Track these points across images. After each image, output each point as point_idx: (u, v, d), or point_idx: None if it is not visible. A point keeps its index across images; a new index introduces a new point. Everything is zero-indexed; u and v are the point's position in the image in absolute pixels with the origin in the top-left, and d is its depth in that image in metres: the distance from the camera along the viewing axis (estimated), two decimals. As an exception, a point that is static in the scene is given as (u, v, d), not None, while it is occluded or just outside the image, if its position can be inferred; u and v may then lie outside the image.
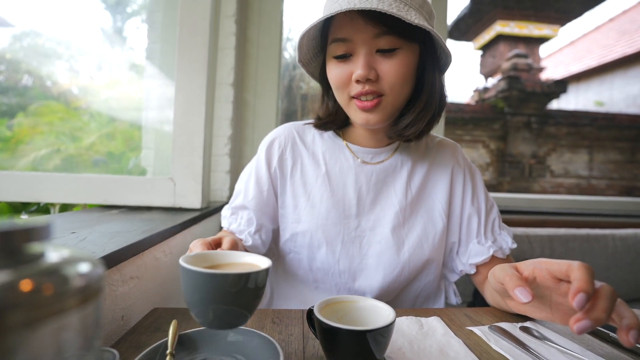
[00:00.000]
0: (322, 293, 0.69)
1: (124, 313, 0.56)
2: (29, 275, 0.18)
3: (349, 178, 0.67)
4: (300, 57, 0.62)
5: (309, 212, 0.67)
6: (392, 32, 0.54)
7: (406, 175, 0.68)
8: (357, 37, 0.56)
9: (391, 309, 0.42)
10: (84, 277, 0.20)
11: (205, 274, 0.35)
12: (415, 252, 0.66)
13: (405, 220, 0.67)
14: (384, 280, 0.66)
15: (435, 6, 1.57)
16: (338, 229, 0.66)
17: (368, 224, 0.67)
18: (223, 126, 1.17)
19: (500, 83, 4.91)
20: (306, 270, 0.69)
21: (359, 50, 0.56)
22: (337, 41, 0.57)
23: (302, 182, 0.69)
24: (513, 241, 0.69)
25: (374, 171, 0.68)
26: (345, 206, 0.67)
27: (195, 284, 0.36)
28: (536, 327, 0.53)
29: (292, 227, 0.68)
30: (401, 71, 0.56)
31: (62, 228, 0.67)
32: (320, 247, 0.66)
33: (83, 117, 2.50)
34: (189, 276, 0.36)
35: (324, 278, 0.68)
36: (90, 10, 2.43)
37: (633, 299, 1.58)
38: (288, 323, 0.54)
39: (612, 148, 5.13)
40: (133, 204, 0.98)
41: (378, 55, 0.57)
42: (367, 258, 0.66)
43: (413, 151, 0.70)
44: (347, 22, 0.56)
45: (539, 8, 6.00)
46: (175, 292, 0.79)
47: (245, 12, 1.34)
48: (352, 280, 0.67)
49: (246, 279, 0.36)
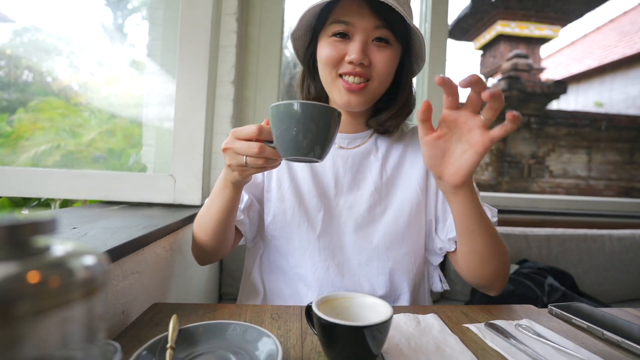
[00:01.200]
0: (299, 279, 0.69)
1: (125, 308, 0.57)
2: (36, 267, 0.18)
3: (327, 162, 0.71)
4: (294, 31, 0.66)
5: (292, 190, 0.70)
6: (388, 28, 0.61)
7: (381, 158, 0.72)
8: (359, 23, 0.60)
9: (388, 306, 0.43)
10: (89, 270, 0.20)
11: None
12: (390, 227, 0.68)
13: (381, 199, 0.70)
14: (361, 257, 0.68)
15: (436, 6, 1.58)
16: (319, 206, 0.69)
17: (346, 204, 0.70)
18: (223, 123, 1.17)
19: (501, 83, 4.90)
20: (285, 253, 0.70)
21: (358, 35, 0.61)
22: (340, 22, 0.61)
23: (287, 164, 0.72)
24: (494, 215, 0.67)
25: (350, 155, 0.72)
26: (324, 187, 0.71)
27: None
28: (531, 324, 0.54)
29: (275, 206, 0.71)
30: (389, 63, 0.63)
31: (64, 223, 0.67)
32: (301, 224, 0.69)
33: (83, 114, 2.50)
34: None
35: (301, 260, 0.69)
36: (91, 6, 2.43)
37: (631, 299, 1.59)
38: (287, 319, 0.54)
39: (611, 149, 5.14)
40: (134, 201, 0.98)
41: (373, 44, 0.62)
42: (344, 235, 0.69)
43: (387, 136, 0.74)
44: (354, 8, 0.60)
45: (540, 8, 5.99)
46: (175, 288, 0.80)
47: (247, 10, 1.34)
48: (332, 257, 0.68)
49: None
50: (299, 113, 0.43)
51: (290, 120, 0.44)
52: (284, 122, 0.44)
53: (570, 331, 0.54)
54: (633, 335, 0.50)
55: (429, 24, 1.56)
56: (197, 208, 0.98)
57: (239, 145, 0.49)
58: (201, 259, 0.72)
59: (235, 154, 0.50)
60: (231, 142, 0.50)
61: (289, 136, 0.44)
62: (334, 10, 0.62)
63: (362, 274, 0.68)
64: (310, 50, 0.69)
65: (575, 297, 1.21)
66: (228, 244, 0.68)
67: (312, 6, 0.60)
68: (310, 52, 0.70)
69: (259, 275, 0.75)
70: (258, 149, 0.48)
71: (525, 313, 0.61)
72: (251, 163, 0.50)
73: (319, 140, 0.45)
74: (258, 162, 0.50)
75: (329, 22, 0.63)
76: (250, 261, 0.77)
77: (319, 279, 0.68)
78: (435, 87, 1.58)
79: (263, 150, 0.48)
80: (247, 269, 0.78)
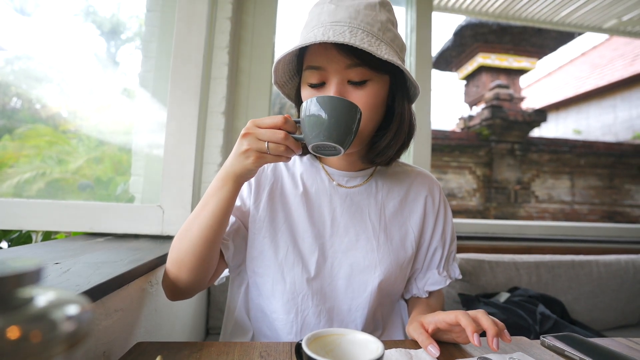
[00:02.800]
0: (283, 323, 0.66)
1: (106, 348, 0.54)
2: (16, 322, 0.18)
3: (324, 199, 0.68)
4: (275, 79, 0.65)
5: (287, 227, 0.66)
6: (363, 65, 0.57)
7: (381, 201, 0.70)
8: (330, 67, 0.57)
9: (380, 342, 0.42)
10: (73, 321, 0.20)
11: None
12: (385, 278, 0.66)
13: (378, 245, 0.67)
14: (352, 303, 0.66)
15: (419, 38, 1.67)
16: (313, 247, 0.66)
17: (341, 247, 0.67)
18: (213, 154, 1.18)
19: (484, 112, 5.10)
20: (268, 295, 0.66)
21: (331, 79, 0.58)
22: (311, 69, 0.59)
23: (281, 200, 0.68)
24: (459, 272, 0.76)
25: (348, 194, 0.69)
26: (320, 226, 0.67)
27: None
28: (525, 358, 0.53)
29: (264, 242, 0.65)
30: (370, 102, 0.58)
31: (46, 258, 0.65)
32: (295, 266, 0.65)
33: (71, 141, 2.48)
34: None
35: (288, 305, 0.65)
36: (85, 35, 2.48)
37: (621, 325, 1.59)
38: (276, 357, 0.52)
39: (591, 174, 5.32)
40: (120, 232, 0.96)
41: (350, 85, 0.59)
42: (337, 280, 0.66)
43: (389, 177, 0.72)
44: (322, 52, 0.58)
45: (517, 42, 6.36)
46: (161, 324, 0.77)
47: (238, 43, 1.39)
48: (323, 302, 0.66)
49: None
50: (327, 104, 0.50)
51: (319, 111, 0.50)
52: (313, 113, 0.50)
53: (563, 364, 0.54)
54: (625, 367, 0.50)
55: (414, 57, 1.64)
56: (185, 239, 0.97)
57: (264, 132, 0.50)
58: (176, 291, 0.61)
59: (257, 139, 0.50)
60: (252, 128, 0.51)
61: (317, 124, 0.50)
62: (306, 55, 0.60)
63: (350, 319, 0.67)
64: (299, 92, 0.66)
65: (567, 326, 1.21)
66: (211, 268, 0.60)
67: (281, 57, 0.58)
68: (299, 94, 0.67)
69: (244, 310, 0.71)
70: (284, 135, 0.50)
71: (518, 345, 0.60)
72: (273, 149, 0.50)
73: (343, 130, 0.51)
74: (280, 149, 0.50)
75: (304, 68, 0.61)
76: (234, 295, 0.72)
77: (306, 325, 0.65)
78: (420, 116, 1.63)
79: (287, 137, 0.50)
80: (230, 306, 0.73)
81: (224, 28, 1.24)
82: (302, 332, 0.65)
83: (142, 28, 1.31)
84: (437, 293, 0.76)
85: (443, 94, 25.16)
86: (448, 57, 7.02)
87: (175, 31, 1.04)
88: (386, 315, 0.72)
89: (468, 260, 1.44)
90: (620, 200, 5.37)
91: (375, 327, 0.71)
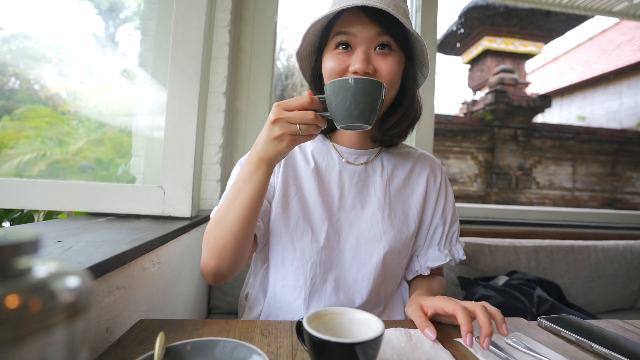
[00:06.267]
0: (291, 290, 0.69)
1: (109, 325, 0.55)
2: (16, 290, 0.17)
3: (333, 175, 0.71)
4: (299, 50, 0.66)
5: (298, 199, 0.70)
6: (390, 33, 0.61)
7: (387, 178, 0.73)
8: (360, 33, 0.61)
9: (380, 321, 0.43)
10: (73, 292, 0.20)
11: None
12: (389, 249, 0.69)
13: (383, 218, 0.70)
14: (358, 273, 0.69)
15: (425, 21, 1.62)
16: (323, 218, 0.69)
17: (348, 219, 0.70)
18: (215, 135, 1.17)
19: (488, 96, 5.03)
20: (277, 262, 0.69)
21: (360, 45, 0.61)
22: (341, 34, 0.62)
23: (293, 174, 0.71)
24: (464, 254, 0.77)
25: (357, 171, 0.72)
26: (329, 200, 0.70)
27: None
28: (522, 338, 0.54)
29: (276, 212, 0.69)
30: (394, 69, 0.62)
31: (47, 237, 0.65)
32: (305, 235, 0.68)
33: (71, 122, 2.46)
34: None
35: (297, 271, 0.68)
36: (83, 14, 2.42)
37: (616, 309, 1.61)
38: (277, 335, 0.53)
39: (593, 161, 5.29)
40: (121, 212, 0.96)
41: (376, 53, 0.62)
42: (344, 251, 0.69)
43: (394, 157, 0.75)
44: (353, 19, 0.61)
45: (524, 26, 6.22)
46: (163, 303, 0.78)
47: (240, 22, 1.35)
48: (330, 271, 0.68)
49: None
50: (355, 86, 0.51)
51: (347, 92, 0.51)
52: (341, 94, 0.52)
53: (560, 344, 0.55)
54: (620, 347, 0.51)
55: (418, 39, 1.60)
56: (186, 220, 0.97)
57: (293, 115, 0.51)
58: (219, 277, 0.62)
59: (287, 123, 0.51)
60: (281, 113, 0.52)
61: (345, 105, 0.52)
62: (335, 24, 0.63)
63: (356, 289, 0.69)
64: (315, 68, 0.70)
65: (564, 309, 1.23)
66: (249, 249, 0.63)
67: (313, 22, 0.61)
68: (316, 70, 0.70)
69: (261, 287, 0.74)
70: (313, 115, 0.51)
71: (516, 326, 0.61)
72: (305, 130, 0.52)
73: (370, 108, 0.53)
74: (311, 129, 0.52)
75: (331, 36, 0.64)
76: (257, 273, 0.75)
77: (314, 291, 0.67)
78: (423, 100, 1.61)
79: (317, 117, 0.51)
80: (253, 282, 0.76)
81: (224, 6, 1.21)
82: (310, 299, 0.68)
83: (141, 6, 1.28)
84: (438, 279, 0.78)
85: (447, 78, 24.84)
86: (453, 40, 6.87)
87: (174, 9, 1.01)
88: (389, 292, 0.74)
89: (468, 244, 1.45)
90: (621, 188, 5.36)
91: (378, 303, 0.73)
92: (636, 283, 1.63)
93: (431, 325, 0.54)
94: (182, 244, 0.91)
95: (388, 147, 0.75)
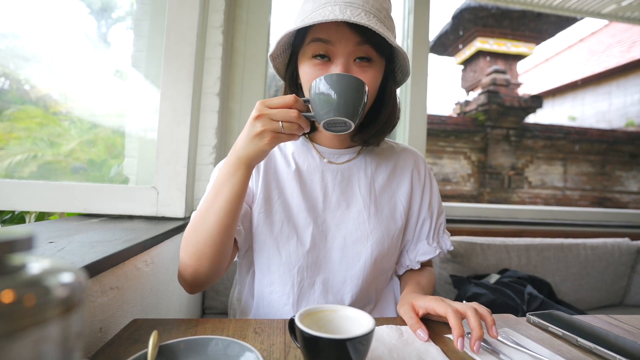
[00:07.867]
0: (279, 296, 0.68)
1: (103, 324, 0.55)
2: (10, 286, 0.18)
3: (316, 176, 0.70)
4: (272, 52, 0.64)
5: (281, 203, 0.68)
6: (370, 42, 0.59)
7: (370, 175, 0.72)
8: (339, 42, 0.58)
9: (371, 318, 0.44)
10: (66, 288, 0.20)
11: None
12: (377, 248, 0.69)
13: (369, 217, 0.70)
14: (347, 274, 0.68)
15: (417, 21, 1.64)
16: (308, 221, 0.67)
17: (334, 220, 0.69)
18: (208, 135, 1.17)
19: (481, 97, 5.08)
20: (263, 268, 0.68)
21: (339, 56, 0.59)
22: (319, 41, 0.59)
23: (275, 177, 0.70)
24: (451, 244, 0.78)
25: (339, 170, 0.71)
26: (313, 202, 0.69)
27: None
28: (511, 334, 0.55)
29: (259, 217, 0.67)
30: (373, 83, 0.61)
31: (40, 237, 0.65)
32: (290, 239, 0.66)
33: (63, 123, 2.44)
34: None
35: (284, 277, 0.67)
36: (74, 13, 2.39)
37: (604, 305, 1.64)
38: (270, 333, 0.54)
39: (584, 161, 5.37)
40: (114, 213, 0.96)
41: (355, 64, 0.60)
42: (332, 252, 0.68)
43: (377, 153, 0.75)
44: (334, 28, 0.58)
45: (516, 27, 6.29)
46: (156, 303, 0.78)
47: (233, 23, 1.35)
48: (317, 274, 0.67)
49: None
50: (337, 82, 0.52)
51: (330, 88, 0.52)
52: (323, 91, 0.52)
53: (547, 339, 0.56)
54: (606, 341, 0.52)
55: (411, 40, 1.62)
56: (180, 220, 0.97)
57: (276, 112, 0.51)
58: (196, 284, 0.61)
59: (270, 120, 0.51)
60: (264, 109, 0.51)
61: (328, 102, 0.52)
62: (312, 28, 0.60)
63: (345, 290, 0.68)
64: (291, 69, 0.67)
65: (553, 305, 1.25)
66: (229, 255, 0.61)
67: (293, 29, 0.58)
68: (291, 70, 0.67)
69: (250, 294, 0.73)
70: (297, 113, 0.51)
71: (505, 322, 0.62)
72: (288, 128, 0.51)
73: (352, 105, 0.53)
74: (294, 127, 0.52)
75: (307, 41, 0.61)
76: (243, 279, 0.74)
77: (303, 295, 0.67)
78: (416, 100, 1.62)
79: (300, 116, 0.51)
80: (240, 290, 0.75)
81: (218, 7, 1.21)
82: (298, 304, 0.67)
83: (134, 6, 1.27)
84: (427, 271, 0.78)
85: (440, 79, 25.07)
86: (446, 41, 6.93)
87: (167, 9, 1.01)
88: (380, 289, 0.74)
89: (460, 243, 1.47)
90: (611, 187, 5.45)
91: (369, 301, 0.72)
92: (624, 280, 1.66)
93: (423, 327, 0.54)
94: (176, 245, 0.91)
95: (369, 146, 0.74)
